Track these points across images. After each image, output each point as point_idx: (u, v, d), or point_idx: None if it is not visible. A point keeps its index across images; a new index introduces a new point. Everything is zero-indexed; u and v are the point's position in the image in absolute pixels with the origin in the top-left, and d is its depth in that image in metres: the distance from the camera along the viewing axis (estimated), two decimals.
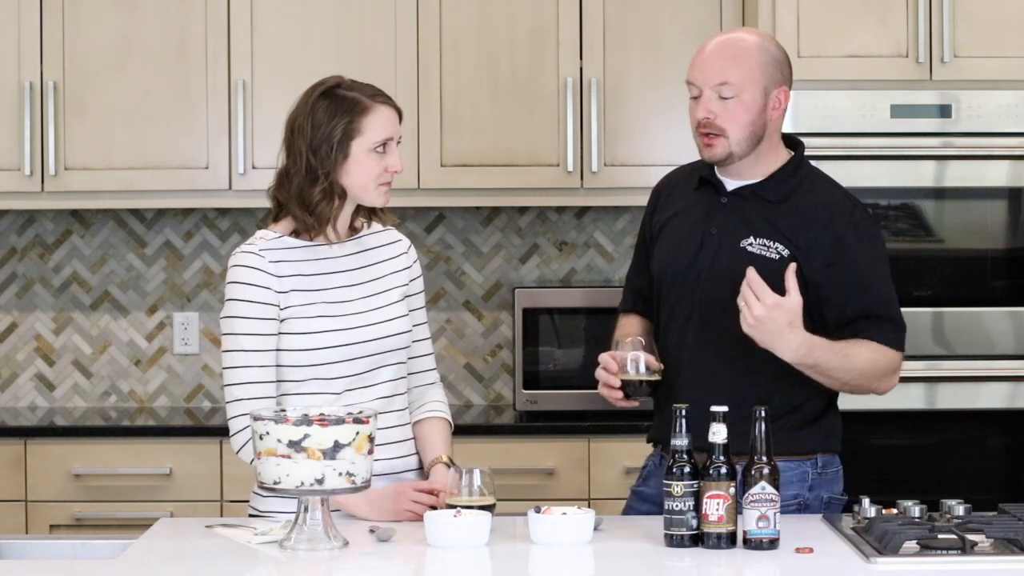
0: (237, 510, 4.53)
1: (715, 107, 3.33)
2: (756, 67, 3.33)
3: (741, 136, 3.33)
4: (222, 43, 4.99)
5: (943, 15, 4.64)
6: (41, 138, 4.97)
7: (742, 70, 3.32)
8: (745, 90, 3.32)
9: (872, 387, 3.36)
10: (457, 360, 5.35)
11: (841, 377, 3.29)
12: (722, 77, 3.32)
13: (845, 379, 3.30)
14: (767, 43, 3.38)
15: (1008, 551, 2.89)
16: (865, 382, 3.34)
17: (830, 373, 3.27)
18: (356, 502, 3.23)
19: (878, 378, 3.34)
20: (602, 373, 3.35)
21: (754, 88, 3.32)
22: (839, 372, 3.28)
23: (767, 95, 3.34)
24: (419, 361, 3.48)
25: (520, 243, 5.37)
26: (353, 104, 3.27)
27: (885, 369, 3.34)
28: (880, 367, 3.33)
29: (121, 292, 5.36)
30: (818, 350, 3.23)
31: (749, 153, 3.36)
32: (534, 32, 4.99)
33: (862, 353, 3.30)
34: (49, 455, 4.79)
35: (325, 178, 3.26)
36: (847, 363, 3.27)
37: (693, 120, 3.37)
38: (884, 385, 3.38)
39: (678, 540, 2.97)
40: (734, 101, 3.32)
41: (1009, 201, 4.69)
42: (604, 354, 3.37)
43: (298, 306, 3.27)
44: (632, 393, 3.34)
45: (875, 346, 3.32)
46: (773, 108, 3.35)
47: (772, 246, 3.31)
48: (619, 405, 3.38)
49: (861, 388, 3.36)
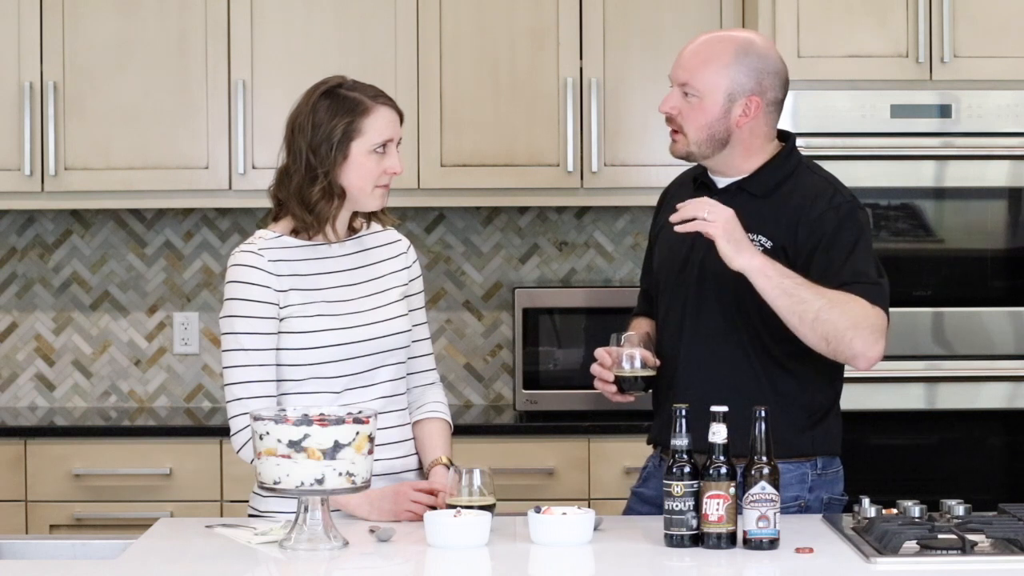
0: (237, 510, 4.53)
1: (677, 103, 3.35)
2: (723, 72, 3.31)
3: (698, 138, 3.34)
4: (222, 43, 4.99)
5: (943, 15, 4.64)
6: (41, 138, 4.97)
7: (707, 74, 3.31)
8: (706, 94, 3.32)
9: (849, 338, 3.17)
10: (457, 360, 5.35)
11: (811, 299, 3.15)
12: (687, 77, 3.33)
13: (816, 304, 3.15)
14: (752, 48, 3.35)
15: (1008, 551, 2.89)
16: (840, 319, 3.15)
17: (795, 293, 3.15)
18: (356, 502, 3.23)
19: (855, 323, 3.17)
20: (596, 368, 3.36)
21: (715, 93, 3.31)
22: (806, 290, 3.15)
23: (732, 102, 3.32)
24: (418, 361, 3.48)
25: (520, 243, 5.37)
26: (354, 104, 3.27)
27: (861, 319, 3.17)
28: (856, 311, 3.17)
29: (121, 292, 5.36)
30: (773, 265, 3.18)
31: (712, 155, 3.36)
32: (534, 32, 4.99)
33: (830, 290, 3.18)
34: (49, 455, 4.80)
35: (324, 177, 3.26)
36: (812, 288, 3.16)
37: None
38: (862, 342, 3.18)
39: (678, 540, 2.97)
40: (694, 101, 3.33)
41: (1009, 201, 4.69)
42: (600, 349, 3.37)
43: (297, 305, 3.28)
44: (627, 388, 3.35)
45: (849, 295, 3.20)
46: (741, 115, 3.32)
47: (756, 239, 3.31)
48: (614, 400, 3.39)
49: (835, 335, 3.16)
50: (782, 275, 3.18)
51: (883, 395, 4.64)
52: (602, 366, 3.35)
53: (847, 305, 3.19)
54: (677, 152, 3.39)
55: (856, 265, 3.27)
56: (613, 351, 3.35)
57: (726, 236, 3.17)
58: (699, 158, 3.38)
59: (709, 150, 3.35)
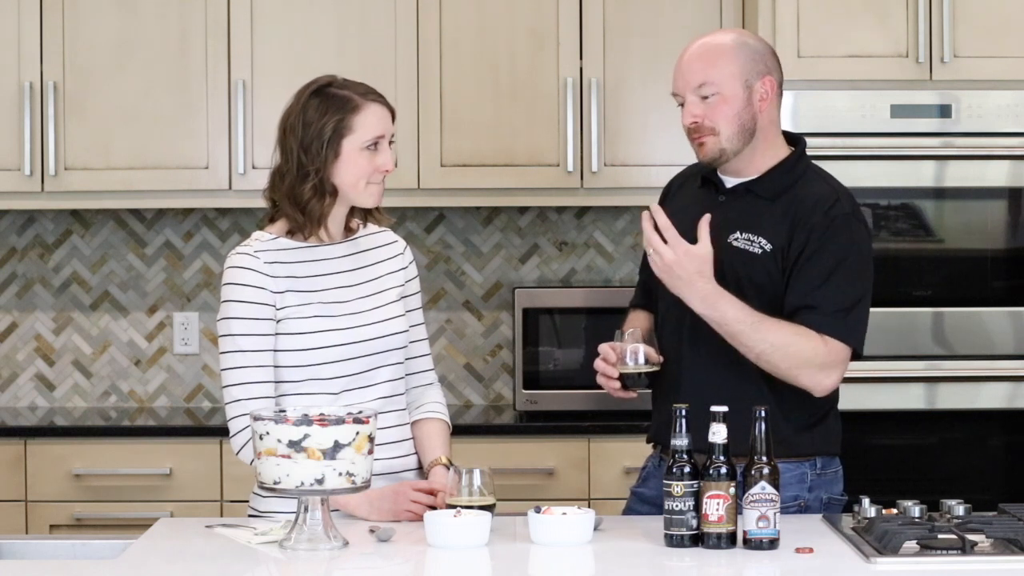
0: (237, 510, 4.53)
1: (699, 110, 3.34)
2: (733, 62, 3.32)
3: (730, 132, 3.33)
4: (222, 43, 4.99)
5: (943, 15, 4.64)
6: (41, 138, 4.97)
7: (718, 67, 3.32)
8: (724, 85, 3.32)
9: (794, 376, 3.23)
10: (457, 360, 5.35)
11: (752, 345, 3.21)
12: (700, 79, 3.32)
13: (757, 349, 3.21)
14: (744, 38, 3.38)
15: (1008, 551, 2.89)
16: (781, 362, 3.21)
17: (738, 337, 3.21)
18: (356, 502, 3.23)
19: (798, 364, 3.22)
20: (600, 364, 3.36)
21: (733, 82, 3.32)
22: (747, 337, 3.21)
23: (749, 87, 3.33)
24: (417, 362, 3.48)
25: (520, 243, 5.37)
26: (344, 102, 3.27)
27: (806, 356, 3.22)
28: (800, 352, 3.22)
29: (121, 292, 5.36)
30: (725, 304, 3.21)
31: (743, 148, 3.35)
32: (534, 32, 4.99)
33: (778, 328, 3.22)
34: (49, 455, 4.79)
35: (316, 175, 3.25)
36: (757, 330, 3.20)
37: (684, 128, 3.39)
38: (809, 379, 3.24)
39: (678, 540, 2.97)
40: (716, 98, 3.32)
41: (1009, 201, 4.69)
42: (604, 345, 3.37)
43: (294, 306, 3.27)
44: (631, 384, 3.35)
45: (799, 328, 3.23)
46: (761, 99, 3.34)
47: (756, 240, 3.32)
48: (617, 395, 3.39)
49: (781, 372, 3.23)
50: (724, 319, 3.22)
51: (883, 395, 4.64)
52: (606, 362, 3.35)
53: (791, 347, 3.22)
54: (708, 155, 3.36)
55: (828, 291, 3.26)
56: (617, 347, 3.35)
57: (666, 281, 3.24)
58: (731, 155, 3.35)
59: (740, 143, 3.34)
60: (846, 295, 3.27)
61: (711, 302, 3.22)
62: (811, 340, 3.24)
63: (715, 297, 3.22)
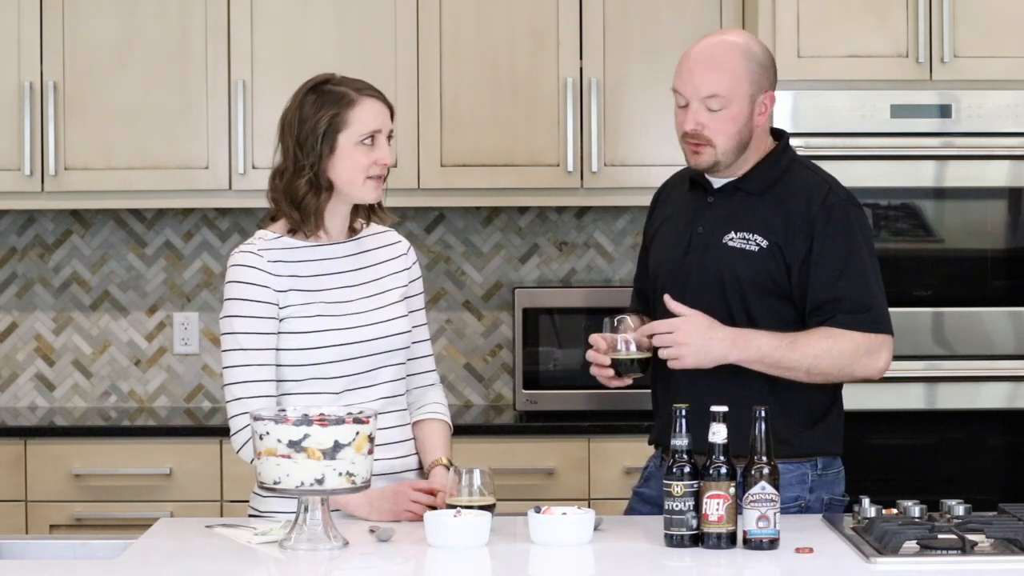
0: (237, 510, 4.53)
1: (703, 118, 3.32)
2: (743, 76, 3.31)
3: (728, 146, 3.33)
4: (222, 43, 4.99)
5: (943, 15, 4.64)
6: (41, 138, 4.97)
7: (730, 81, 3.30)
8: (733, 101, 3.31)
9: (849, 372, 3.28)
10: (457, 360, 5.35)
11: (798, 364, 3.24)
12: (711, 89, 3.31)
13: (805, 364, 3.24)
14: (752, 47, 3.36)
15: (1008, 551, 2.89)
16: (832, 366, 3.26)
17: (783, 362, 3.24)
18: (356, 502, 3.23)
19: (849, 361, 3.27)
20: (592, 354, 3.35)
21: (742, 99, 3.31)
22: (790, 359, 3.24)
23: (753, 102, 3.33)
24: (419, 362, 3.48)
25: (520, 243, 5.37)
26: (339, 97, 3.27)
27: (853, 352, 3.26)
28: (844, 349, 3.25)
29: (121, 292, 5.36)
30: (756, 337, 3.23)
31: (735, 160, 3.36)
32: (534, 32, 4.99)
33: (812, 340, 3.25)
34: (49, 455, 4.80)
35: (311, 169, 3.25)
36: (796, 347, 3.23)
37: (680, 129, 3.37)
38: (864, 368, 3.29)
39: (678, 540, 2.97)
40: (723, 112, 3.31)
41: (1009, 201, 4.69)
42: (594, 335, 3.36)
43: (296, 306, 3.27)
44: (624, 371, 3.34)
45: (829, 331, 3.26)
46: (759, 114, 3.34)
47: (752, 238, 3.32)
48: (611, 384, 3.38)
49: (836, 375, 3.29)
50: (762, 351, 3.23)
51: (883, 395, 4.64)
52: (597, 351, 3.35)
53: (834, 348, 3.25)
54: (702, 164, 3.36)
55: (848, 281, 3.28)
56: (607, 336, 3.35)
57: (696, 360, 3.23)
58: (724, 167, 3.36)
59: (735, 156, 3.35)
60: (867, 284, 3.30)
61: (742, 343, 3.23)
62: (851, 338, 3.26)
63: (742, 335, 3.24)
